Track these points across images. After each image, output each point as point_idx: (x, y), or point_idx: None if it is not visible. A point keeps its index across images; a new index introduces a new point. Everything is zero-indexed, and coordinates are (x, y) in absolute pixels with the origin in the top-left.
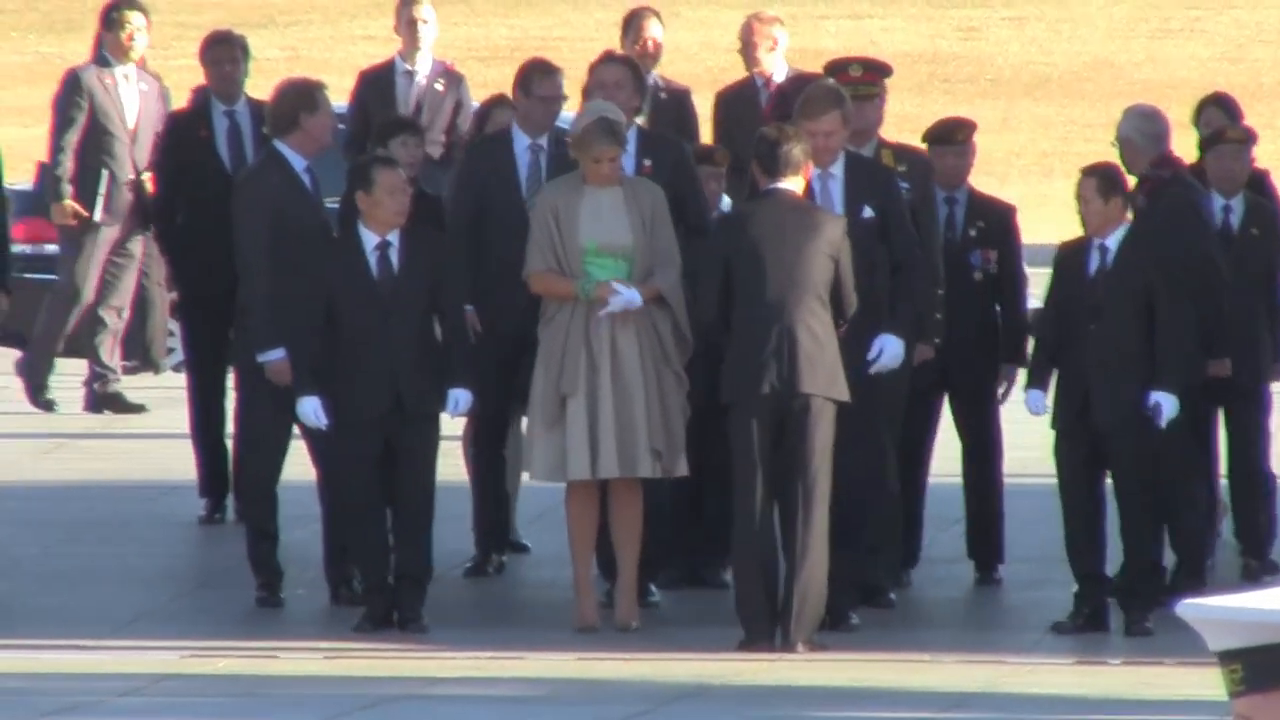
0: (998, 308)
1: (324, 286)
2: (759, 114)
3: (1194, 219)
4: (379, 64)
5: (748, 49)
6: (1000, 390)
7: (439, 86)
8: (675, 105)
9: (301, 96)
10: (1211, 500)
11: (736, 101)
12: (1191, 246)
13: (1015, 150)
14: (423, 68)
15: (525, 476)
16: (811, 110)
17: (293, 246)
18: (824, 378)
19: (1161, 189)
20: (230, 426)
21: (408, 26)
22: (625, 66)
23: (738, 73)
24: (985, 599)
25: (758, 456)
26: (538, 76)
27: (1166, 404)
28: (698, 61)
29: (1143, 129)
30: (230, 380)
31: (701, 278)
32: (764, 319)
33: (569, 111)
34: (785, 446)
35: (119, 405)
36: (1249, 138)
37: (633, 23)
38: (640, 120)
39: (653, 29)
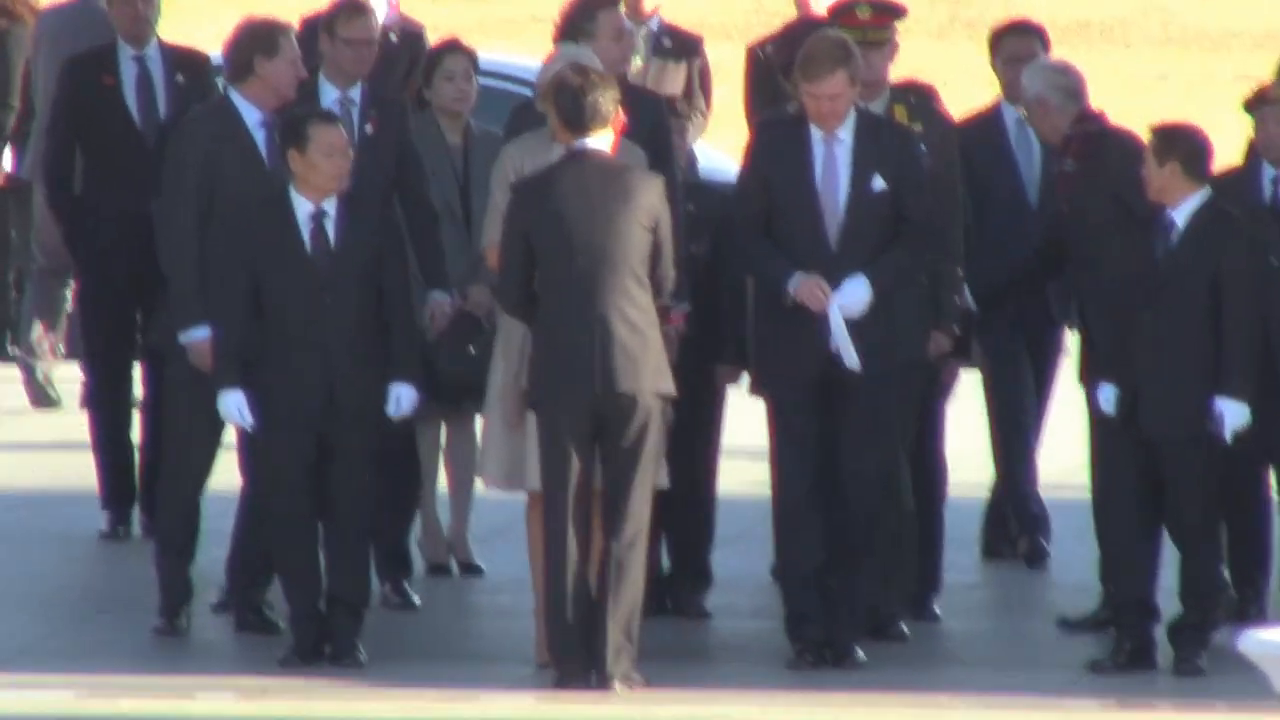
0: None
1: (250, 261)
2: None
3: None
4: (323, 10)
5: None
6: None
7: (394, 39)
8: (683, 56)
9: (258, 39)
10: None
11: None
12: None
13: None
14: (378, 18)
15: (479, 484)
16: (813, 70)
17: (226, 211)
18: (646, 372)
19: (1095, 144)
20: (138, 427)
21: None
22: (619, 9)
23: (749, 18)
24: (1012, 631)
25: (571, 467)
26: (344, 16)
27: (1231, 413)
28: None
29: (1057, 84)
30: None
31: (502, 257)
32: (572, 305)
33: (531, 61)
34: (604, 453)
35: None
36: None
37: None
38: (636, 68)
39: None
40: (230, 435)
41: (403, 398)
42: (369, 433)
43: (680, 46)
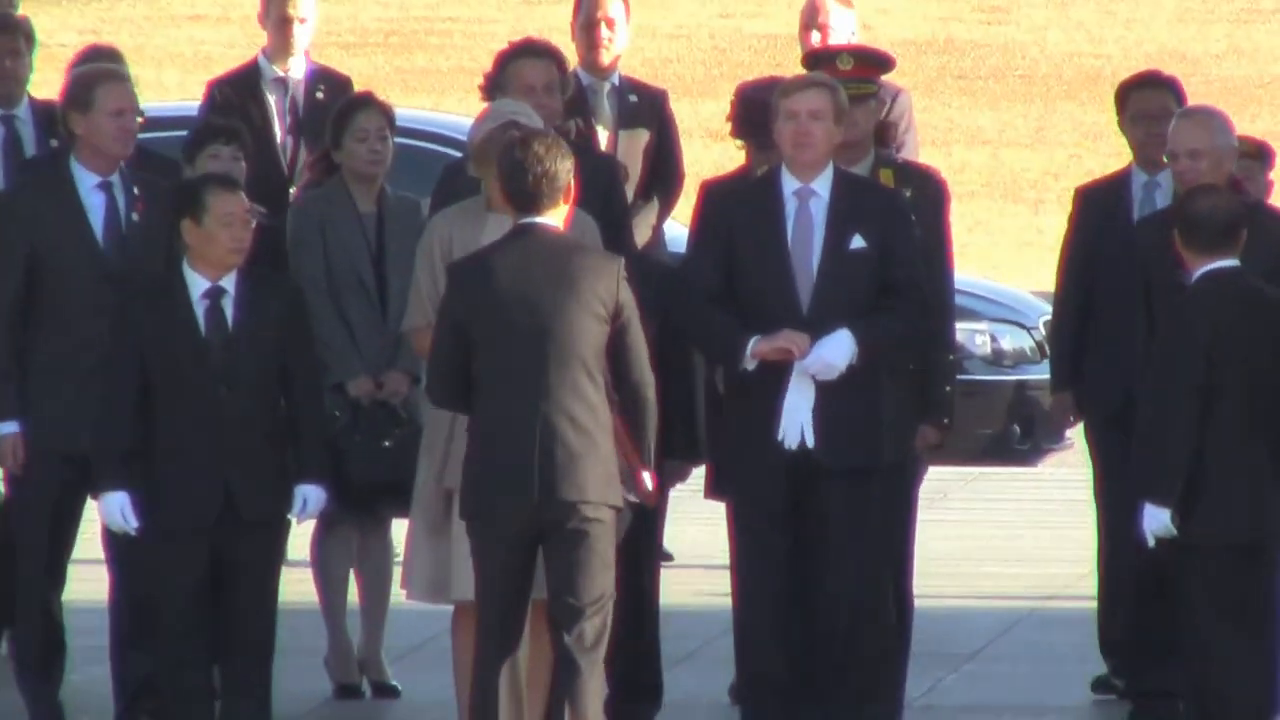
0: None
1: (133, 346)
2: None
3: None
4: (238, 67)
5: (810, 31)
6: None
7: (320, 95)
8: (651, 112)
9: (73, 90)
10: None
11: None
12: None
13: (1053, 169)
14: (296, 72)
15: (397, 595)
16: (792, 86)
17: (50, 290)
18: (594, 479)
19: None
20: None
21: (278, 25)
22: (553, 62)
23: (704, 70)
24: None
25: (504, 588)
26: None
27: (1151, 518)
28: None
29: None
30: None
31: (433, 346)
32: (512, 402)
33: (462, 119)
34: (549, 563)
35: None
36: None
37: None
38: (602, 133)
39: (612, 7)
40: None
41: (310, 500)
42: (271, 541)
43: (646, 102)
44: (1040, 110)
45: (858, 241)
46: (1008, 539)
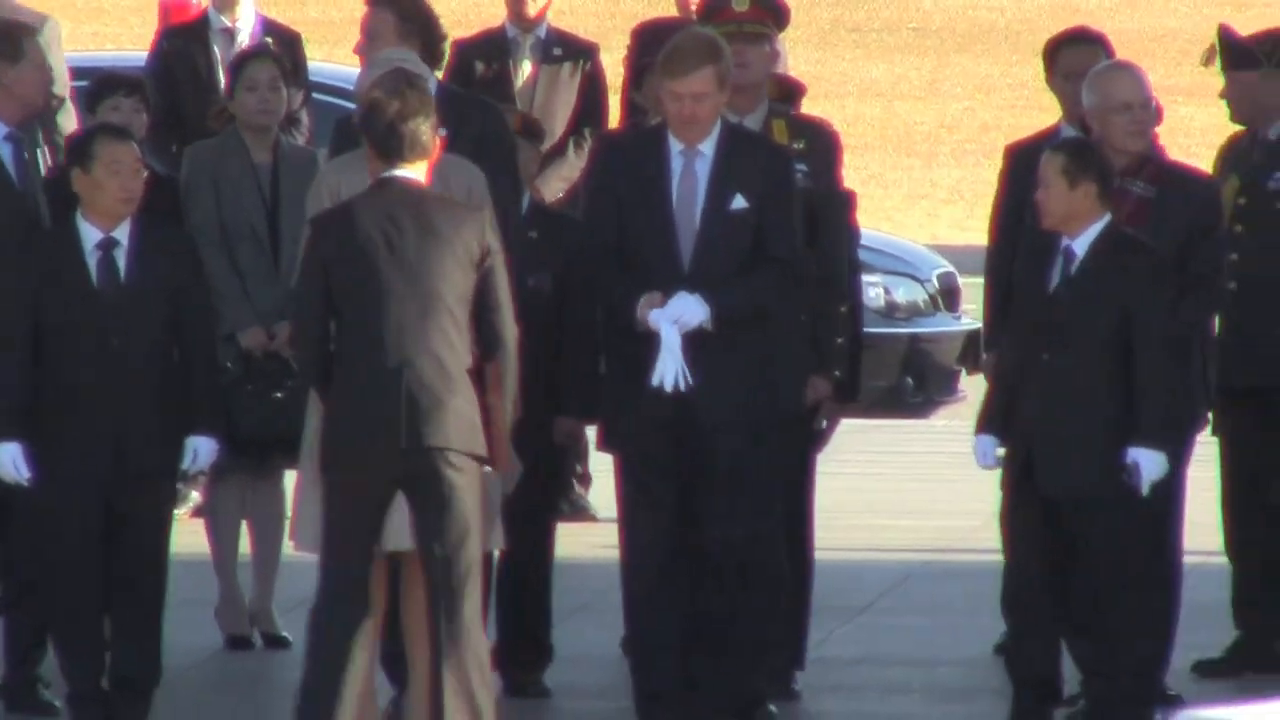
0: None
1: (26, 296)
2: None
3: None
4: (187, 18)
5: None
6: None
7: (272, 46)
8: (575, 65)
9: (3, 41)
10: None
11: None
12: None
13: (946, 122)
14: (245, 23)
15: (287, 546)
16: (675, 65)
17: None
18: (460, 427)
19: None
20: None
21: None
22: (390, 8)
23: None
24: (901, 713)
25: (358, 541)
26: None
27: (1148, 463)
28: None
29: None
30: None
31: (296, 298)
32: (376, 352)
33: (348, 68)
34: (418, 520)
35: None
36: None
37: None
38: (523, 77)
39: None
40: None
41: (200, 451)
42: (162, 494)
43: (571, 55)
44: (934, 63)
45: (739, 202)
46: (900, 492)
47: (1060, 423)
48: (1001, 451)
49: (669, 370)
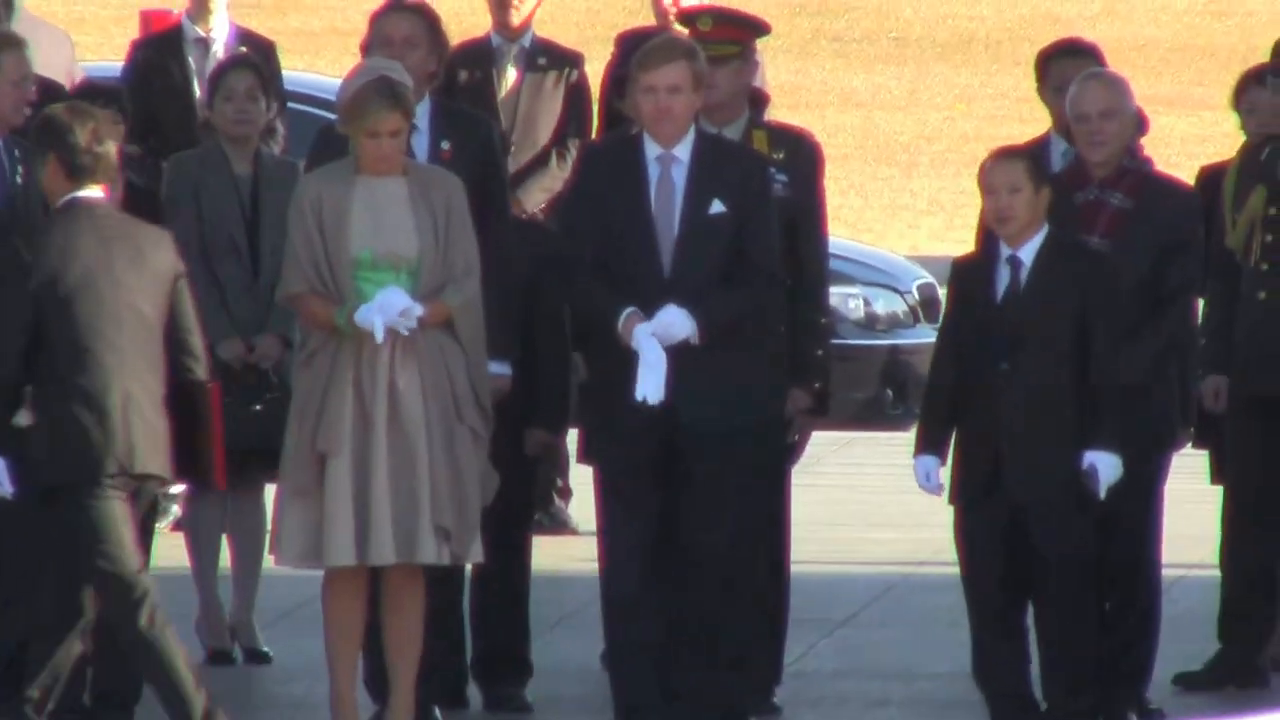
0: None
1: (23, 303)
2: None
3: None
4: (162, 28)
5: None
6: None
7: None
8: (560, 74)
9: None
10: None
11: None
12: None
13: (926, 132)
14: (219, 33)
15: (267, 560)
16: (649, 59)
17: None
18: (163, 451)
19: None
20: None
21: None
22: (418, 17)
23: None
24: None
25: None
26: None
27: (1105, 465)
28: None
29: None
30: None
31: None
32: (88, 378)
33: (327, 78)
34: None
35: None
36: None
37: None
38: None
39: None
40: None
41: None
42: (140, 509)
43: (556, 64)
44: (913, 73)
45: (717, 206)
46: (880, 504)
47: (1030, 429)
48: (944, 471)
49: (650, 385)
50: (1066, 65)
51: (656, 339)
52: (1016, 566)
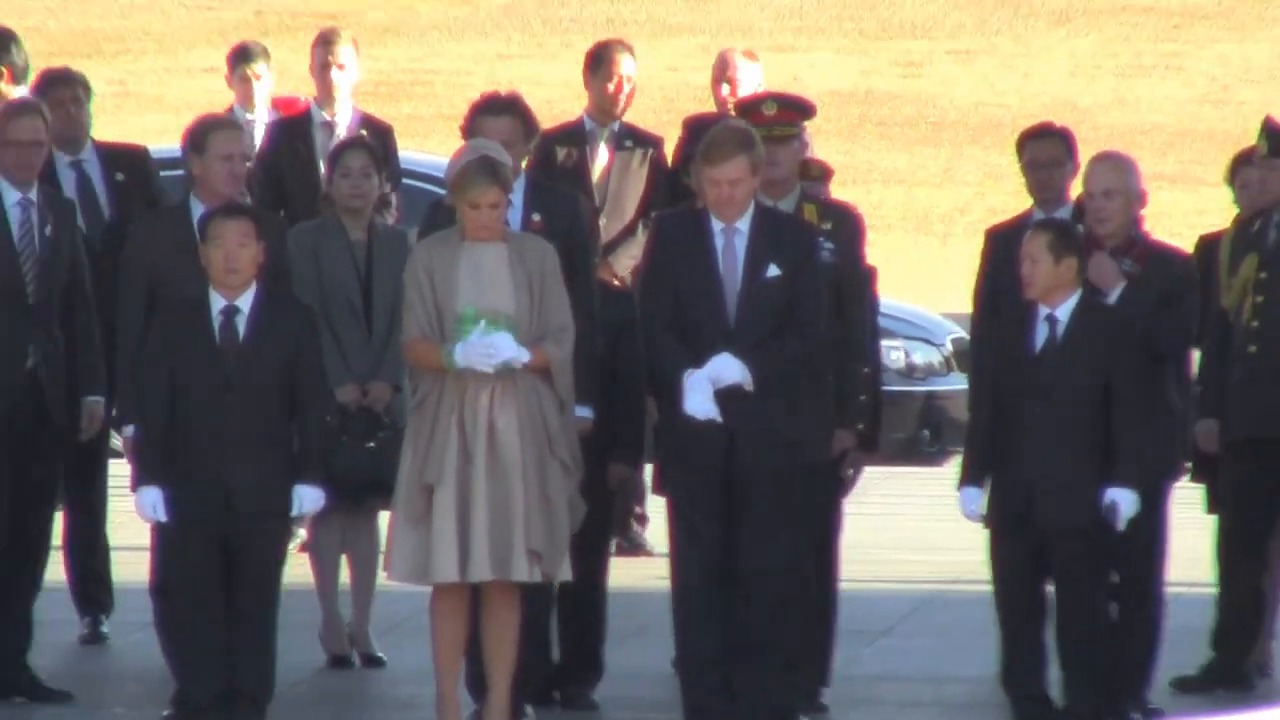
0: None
1: (171, 355)
2: None
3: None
4: (293, 113)
5: (720, 84)
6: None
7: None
8: (644, 155)
9: (192, 134)
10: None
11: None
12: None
13: (960, 205)
14: (343, 118)
15: (381, 577)
16: (713, 154)
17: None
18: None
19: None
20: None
21: (322, 71)
22: (511, 117)
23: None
24: None
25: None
26: (7, 117)
27: (1125, 501)
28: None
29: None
30: None
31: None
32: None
33: (437, 158)
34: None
35: None
36: None
37: (602, 58)
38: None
39: (625, 65)
40: None
41: (305, 499)
42: (270, 535)
43: (641, 145)
44: (949, 153)
45: (773, 270)
46: (917, 530)
47: (1058, 465)
48: (985, 500)
49: (694, 402)
50: (1036, 147)
51: (709, 381)
52: (1041, 587)
